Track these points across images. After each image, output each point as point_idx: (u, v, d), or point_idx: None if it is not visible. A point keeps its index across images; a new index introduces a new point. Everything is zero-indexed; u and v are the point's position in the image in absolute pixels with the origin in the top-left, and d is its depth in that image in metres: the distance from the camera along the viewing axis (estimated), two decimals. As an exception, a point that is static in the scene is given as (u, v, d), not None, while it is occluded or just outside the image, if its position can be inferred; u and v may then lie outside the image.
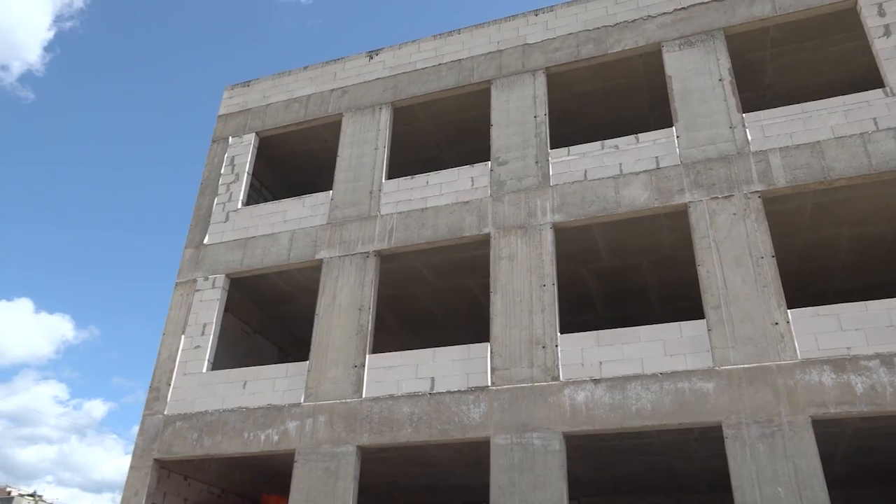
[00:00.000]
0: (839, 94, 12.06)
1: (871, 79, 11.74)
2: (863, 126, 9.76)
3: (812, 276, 12.03)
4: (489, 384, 9.64)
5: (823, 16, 11.00)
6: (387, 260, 11.77)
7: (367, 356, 10.52)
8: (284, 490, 13.45)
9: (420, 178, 11.93)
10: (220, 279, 12.25)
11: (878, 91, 9.97)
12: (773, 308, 8.92)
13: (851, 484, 11.92)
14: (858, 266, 11.76)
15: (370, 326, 10.82)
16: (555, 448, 8.90)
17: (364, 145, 12.67)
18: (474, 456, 10.52)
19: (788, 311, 8.91)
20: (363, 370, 10.41)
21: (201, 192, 13.56)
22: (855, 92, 11.76)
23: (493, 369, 9.72)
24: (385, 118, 12.86)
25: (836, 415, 8.18)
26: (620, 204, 10.40)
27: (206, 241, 12.83)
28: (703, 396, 8.68)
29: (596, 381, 9.18)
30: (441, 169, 13.99)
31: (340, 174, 12.52)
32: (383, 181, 12.13)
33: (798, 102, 11.88)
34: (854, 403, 8.15)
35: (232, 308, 12.93)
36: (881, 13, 10.50)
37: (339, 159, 12.69)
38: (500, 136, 11.76)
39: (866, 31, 10.51)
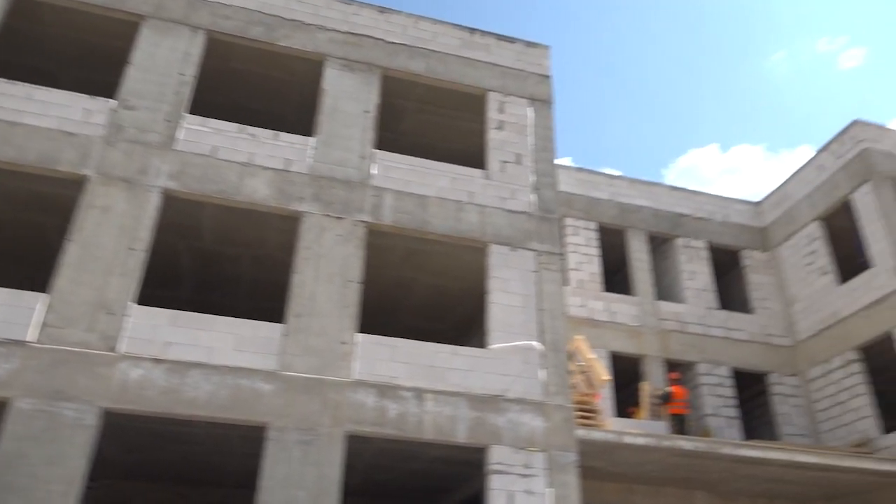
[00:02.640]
0: (454, 162, 13.80)
1: (481, 158, 13.68)
2: (461, 195, 11.35)
3: (386, 309, 13.39)
4: (31, 340, 8.41)
5: (461, 93, 12.62)
6: (-57, 165, 9.58)
7: None
8: None
9: (22, 87, 10.12)
10: None
11: (480, 171, 11.75)
12: (345, 329, 9.65)
13: (360, 495, 13.36)
14: (425, 310, 13.49)
15: None
16: (88, 422, 8.12)
17: (-42, 21, 10.26)
18: (-14, 417, 9.00)
19: (357, 334, 9.74)
20: None
21: None
22: (466, 165, 13.57)
23: (43, 324, 8.53)
24: (-2, 2, 10.64)
25: (368, 433, 9.13)
26: (240, 192, 10.24)
27: None
28: (259, 397, 8.88)
29: (157, 361, 8.71)
30: (53, 87, 12.06)
31: (-89, 42, 9.90)
32: (-30, 73, 9.94)
33: (422, 157, 13.24)
34: (385, 425, 9.21)
35: None
36: (500, 110, 12.48)
37: (-86, 24, 10.04)
38: (136, 78, 10.67)
39: (486, 119, 12.36)
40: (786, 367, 16.16)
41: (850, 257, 16.31)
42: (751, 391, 16.68)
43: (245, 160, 10.52)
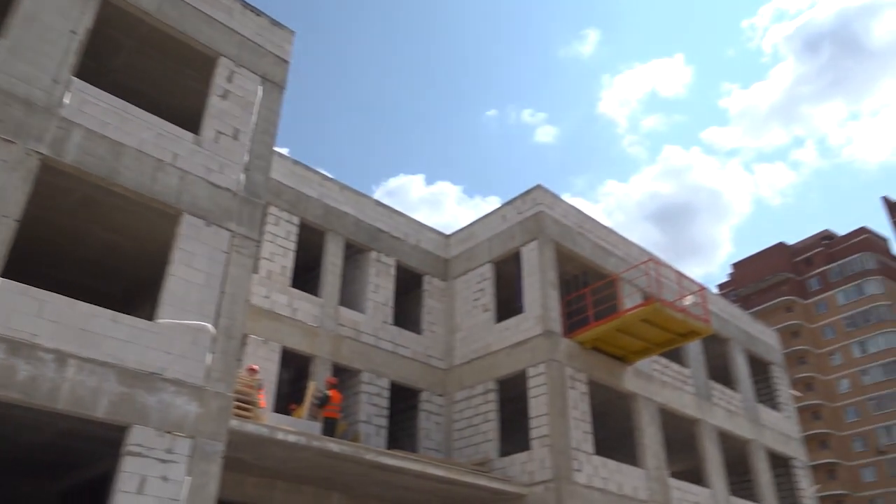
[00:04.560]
0: (165, 118, 12.72)
1: (196, 123, 12.75)
2: (164, 154, 10.50)
3: (47, 258, 11.74)
4: None
5: (190, 48, 11.69)
6: None
7: None
8: None
9: None
10: None
11: (192, 136, 11.01)
12: (-15, 269, 8.22)
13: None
14: (94, 267, 12.10)
15: None
16: None
17: None
18: None
19: (-1, 278, 8.37)
20: None
21: None
22: (178, 125, 12.60)
23: None
24: None
25: (-17, 394, 7.84)
26: None
27: None
28: None
29: None
30: None
31: None
32: None
33: (130, 102, 11.99)
34: (9, 388, 8.00)
35: None
36: (229, 79, 11.87)
37: None
38: None
39: (211, 84, 11.64)
40: (437, 386, 17.74)
41: (509, 300, 18.61)
42: (404, 405, 17.97)
43: None
